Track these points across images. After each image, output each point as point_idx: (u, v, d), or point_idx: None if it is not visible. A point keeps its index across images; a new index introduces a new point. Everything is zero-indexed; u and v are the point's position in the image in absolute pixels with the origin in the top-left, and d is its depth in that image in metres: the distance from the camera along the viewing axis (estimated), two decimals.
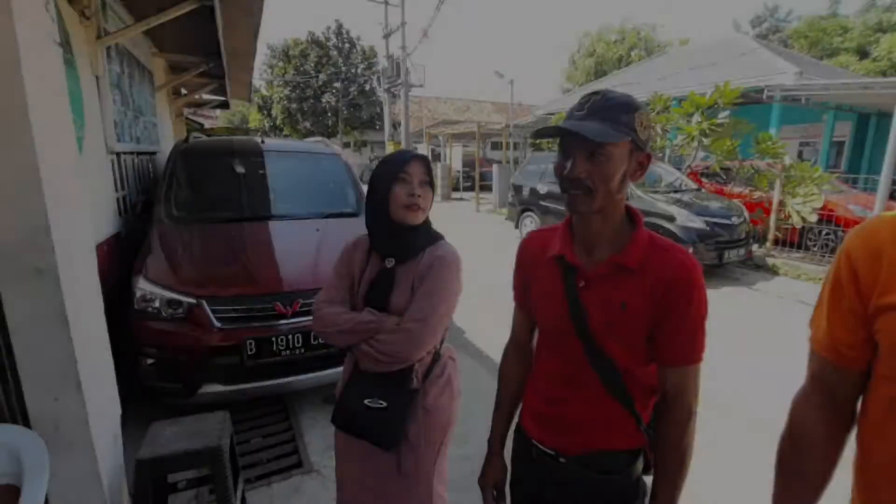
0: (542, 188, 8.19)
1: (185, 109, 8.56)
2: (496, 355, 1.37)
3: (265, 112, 27.87)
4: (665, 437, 0.99)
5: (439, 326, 1.30)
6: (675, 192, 6.88)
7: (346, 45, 27.17)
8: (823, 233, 6.86)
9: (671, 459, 0.98)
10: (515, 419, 1.24)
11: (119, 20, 3.46)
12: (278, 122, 27.11)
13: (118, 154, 3.47)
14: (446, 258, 1.32)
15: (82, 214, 1.67)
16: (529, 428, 1.14)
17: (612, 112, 0.91)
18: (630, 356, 0.99)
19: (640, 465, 1.06)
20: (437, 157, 20.30)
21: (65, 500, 1.53)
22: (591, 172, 0.92)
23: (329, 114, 26.88)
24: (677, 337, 0.94)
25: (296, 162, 4.05)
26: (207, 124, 12.86)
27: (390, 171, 1.32)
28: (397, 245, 1.36)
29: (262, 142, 4.00)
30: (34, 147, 1.33)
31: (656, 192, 6.75)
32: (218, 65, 5.16)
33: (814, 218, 6.57)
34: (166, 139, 5.81)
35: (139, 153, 4.17)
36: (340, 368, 2.67)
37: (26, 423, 1.44)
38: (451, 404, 1.41)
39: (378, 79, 24.69)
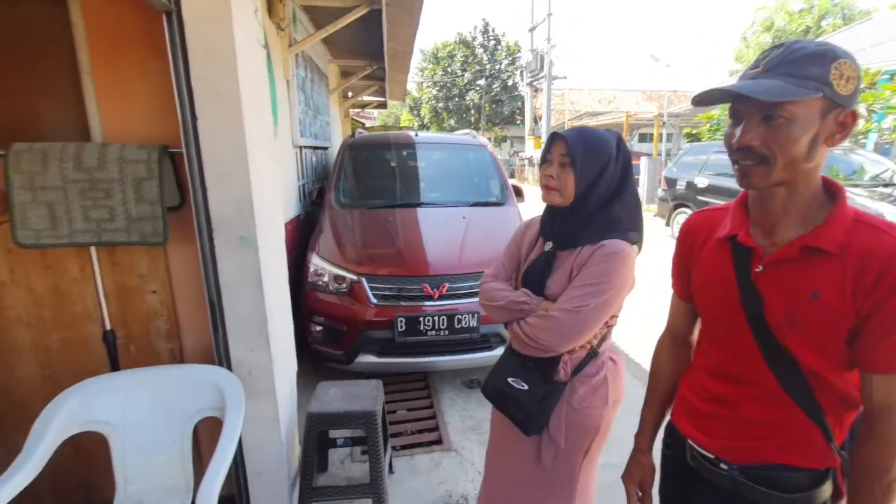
0: (702, 181, 7.30)
1: (350, 110, 9.54)
2: (641, 358, 1.24)
3: (415, 112, 29.86)
4: (865, 462, 0.80)
5: (592, 321, 1.20)
6: (885, 186, 5.56)
7: (492, 43, 27.64)
8: None
9: (871, 491, 0.79)
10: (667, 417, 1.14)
11: (304, 30, 3.96)
12: (426, 121, 28.84)
13: (300, 148, 3.99)
14: (609, 248, 1.20)
15: (276, 195, 1.93)
16: (684, 426, 1.03)
17: (797, 65, 0.75)
18: (820, 356, 0.83)
19: (827, 489, 0.88)
20: None
21: (252, 437, 1.79)
22: (766, 139, 0.78)
23: (472, 111, 27.68)
24: (890, 338, 0.76)
25: (445, 153, 4.23)
26: (368, 124, 14.19)
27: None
28: (551, 228, 1.32)
29: (416, 135, 4.26)
30: (244, 134, 1.56)
31: (856, 185, 5.53)
32: (380, 67, 5.62)
33: None
34: (336, 137, 6.54)
35: (315, 148, 4.76)
36: (483, 354, 2.78)
37: (229, 368, 1.72)
38: (602, 409, 1.30)
39: (521, 73, 24.58)
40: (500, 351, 2.84)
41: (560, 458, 1.30)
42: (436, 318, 2.70)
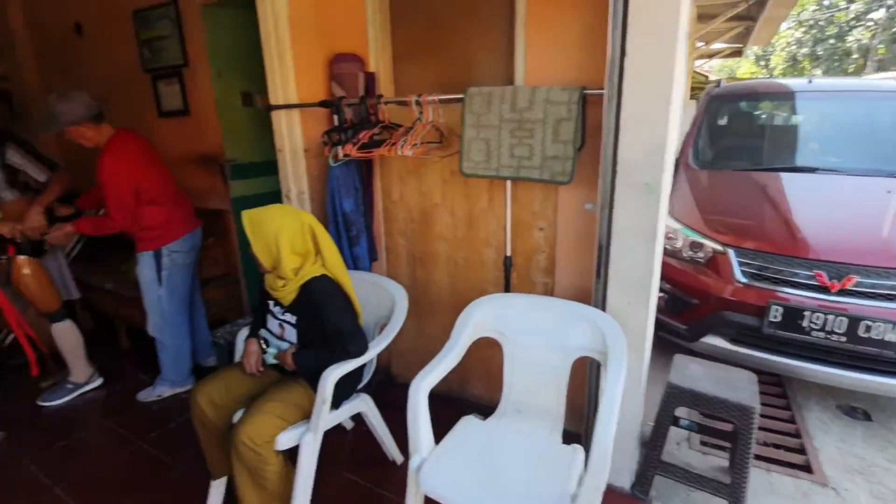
0: None
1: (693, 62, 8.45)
2: None
3: (762, 63, 24.41)
4: None
5: None
6: None
7: None
8: None
9: None
10: None
11: None
12: (776, 72, 23.22)
13: None
14: None
15: (674, 142, 1.76)
16: None
17: None
18: None
19: None
20: None
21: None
22: None
23: (854, 55, 20.65)
24: None
25: (857, 104, 3.17)
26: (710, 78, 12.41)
27: None
28: None
29: (810, 81, 3.35)
30: (672, 73, 1.44)
31: None
32: (757, 2, 4.63)
33: None
34: (679, 91, 5.88)
35: None
36: (886, 380, 2.04)
37: None
38: None
39: None
40: None
41: None
42: (829, 316, 2.10)
